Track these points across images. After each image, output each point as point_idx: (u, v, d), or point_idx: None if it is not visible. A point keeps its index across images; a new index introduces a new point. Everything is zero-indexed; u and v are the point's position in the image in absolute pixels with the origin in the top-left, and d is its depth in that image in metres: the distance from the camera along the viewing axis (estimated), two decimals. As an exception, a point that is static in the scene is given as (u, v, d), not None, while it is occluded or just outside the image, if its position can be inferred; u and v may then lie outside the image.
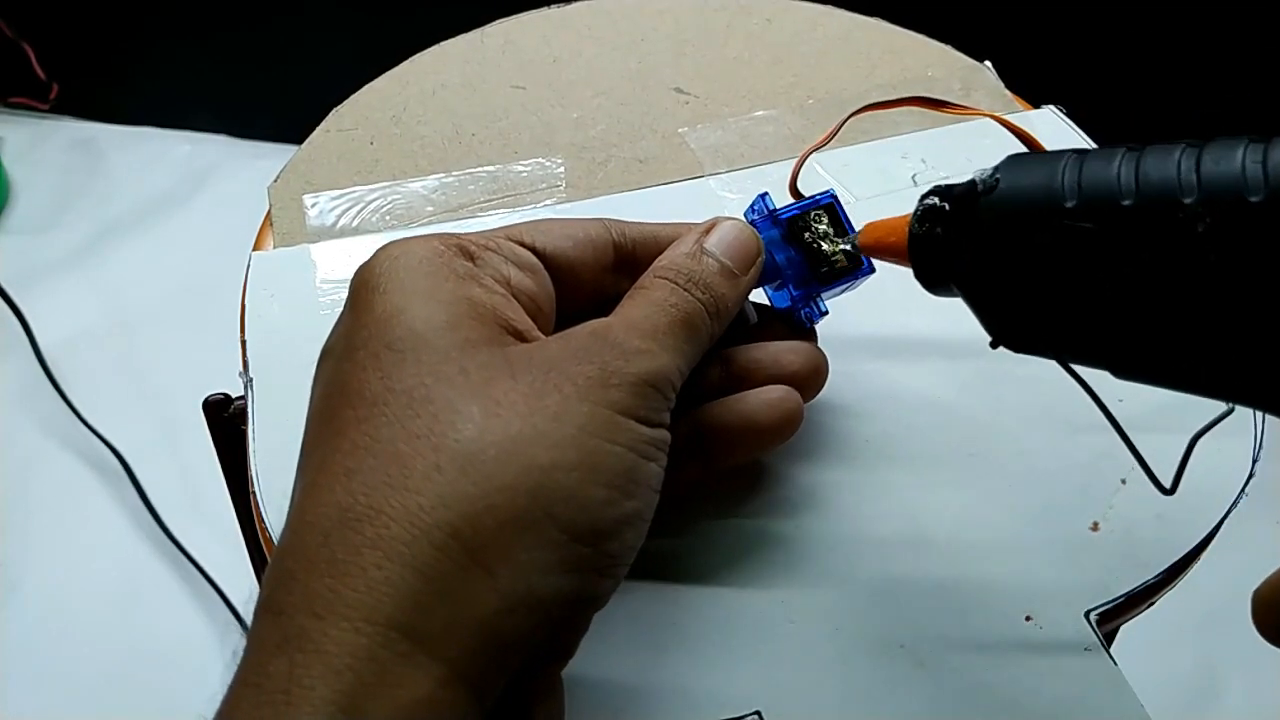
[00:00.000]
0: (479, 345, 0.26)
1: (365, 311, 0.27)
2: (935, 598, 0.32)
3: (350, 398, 0.26)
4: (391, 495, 0.24)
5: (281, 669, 0.22)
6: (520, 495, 0.24)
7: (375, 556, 0.23)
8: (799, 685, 0.30)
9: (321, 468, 0.25)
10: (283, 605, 0.23)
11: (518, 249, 0.30)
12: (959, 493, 0.34)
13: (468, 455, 0.24)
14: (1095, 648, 0.30)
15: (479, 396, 0.25)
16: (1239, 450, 0.35)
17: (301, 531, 0.24)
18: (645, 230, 0.32)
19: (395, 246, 0.28)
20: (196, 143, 1.20)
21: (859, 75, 0.48)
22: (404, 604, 0.23)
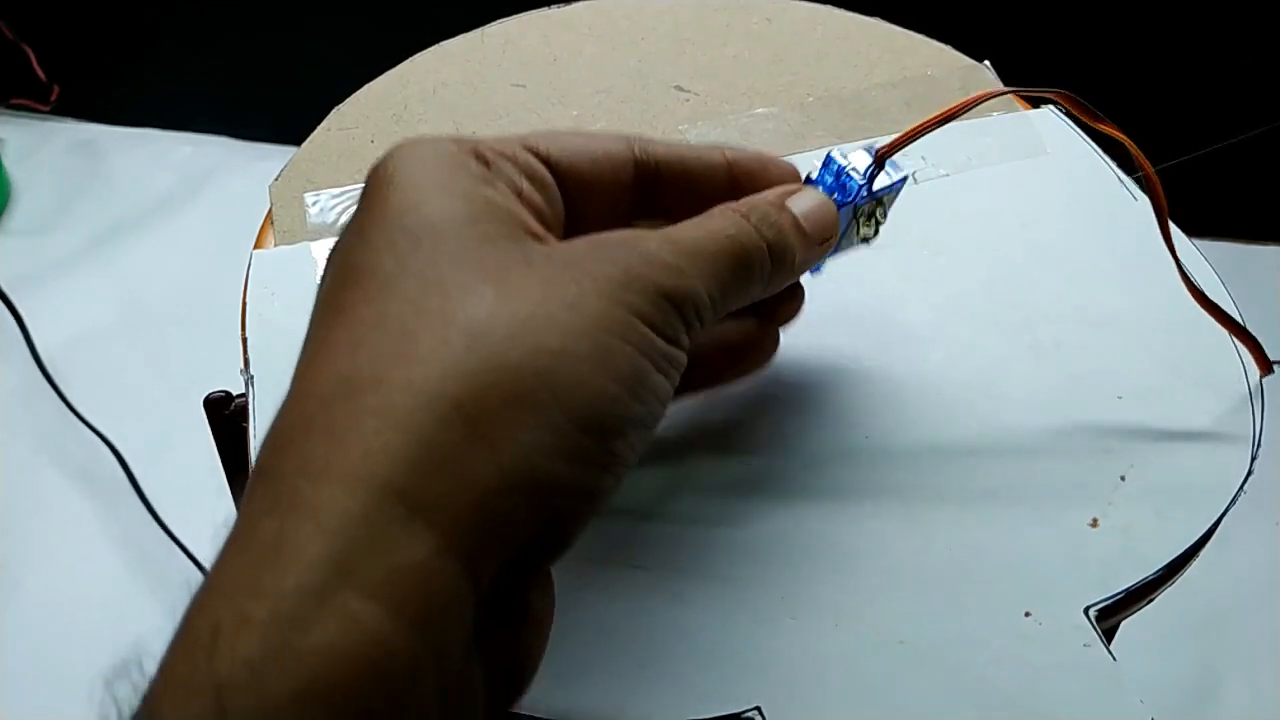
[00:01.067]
0: (497, 240, 0.26)
1: (380, 203, 0.26)
2: (935, 594, 0.32)
3: (360, 278, 0.25)
4: (395, 366, 0.23)
5: (270, 529, 0.22)
6: (528, 375, 0.23)
7: (375, 423, 0.22)
8: (799, 681, 0.30)
9: (325, 341, 0.25)
10: (275, 470, 0.23)
11: (532, 161, 0.29)
12: (958, 489, 0.34)
13: (477, 331, 0.24)
14: (1095, 644, 0.31)
15: (494, 280, 0.25)
16: (1238, 448, 0.35)
17: (301, 400, 0.24)
18: (672, 152, 0.31)
19: (410, 144, 0.28)
20: (198, 144, 1.20)
21: (858, 74, 0.48)
22: (401, 470, 0.22)
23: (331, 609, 0.21)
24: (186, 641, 0.21)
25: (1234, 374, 0.36)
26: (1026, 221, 0.42)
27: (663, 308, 0.26)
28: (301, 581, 0.21)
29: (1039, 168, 0.44)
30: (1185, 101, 0.99)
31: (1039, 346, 0.36)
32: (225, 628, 0.21)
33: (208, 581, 0.22)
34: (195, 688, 0.20)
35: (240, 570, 0.22)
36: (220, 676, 0.20)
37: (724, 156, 0.32)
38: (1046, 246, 0.41)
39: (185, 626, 0.22)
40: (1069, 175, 0.44)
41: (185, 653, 0.21)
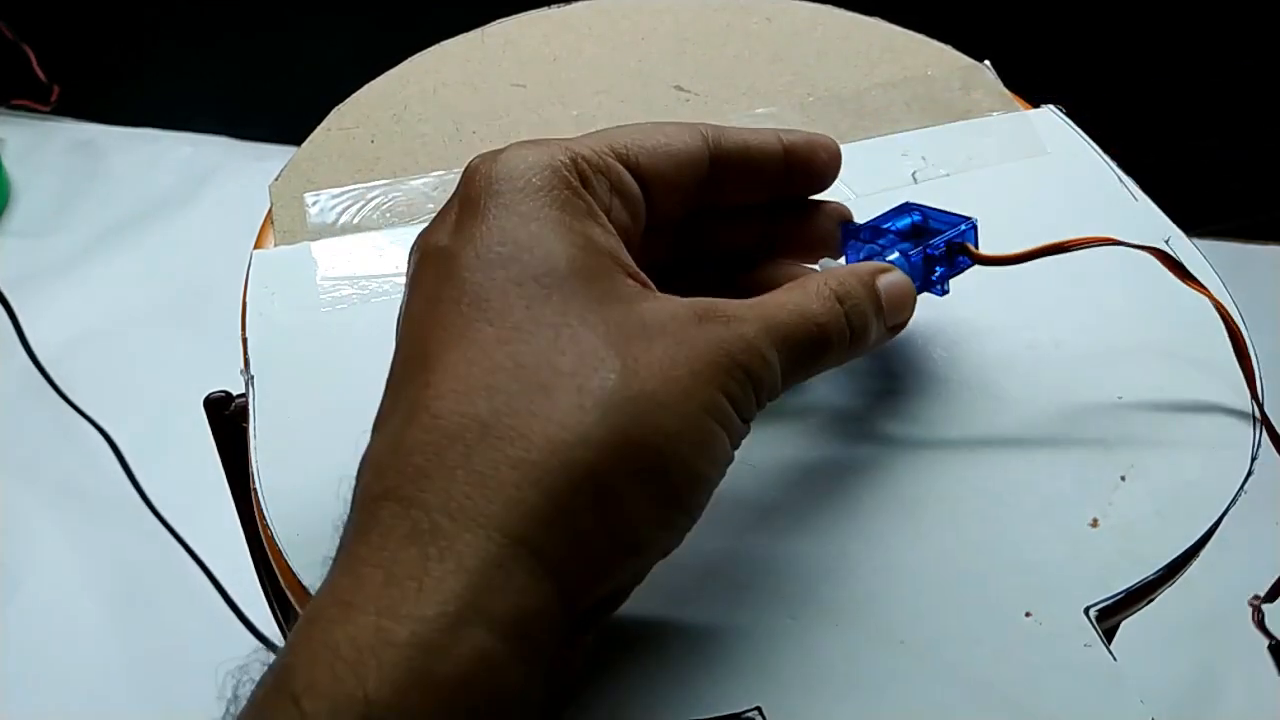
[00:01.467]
0: (613, 300, 0.28)
1: (486, 216, 0.28)
2: (935, 594, 0.32)
3: (489, 314, 0.27)
4: (535, 423, 0.25)
5: (412, 557, 0.24)
6: (649, 453, 0.26)
7: (515, 476, 0.25)
8: (799, 681, 0.30)
9: (456, 375, 0.26)
10: (415, 499, 0.25)
11: (624, 175, 0.30)
12: (958, 489, 0.34)
13: (609, 404, 0.26)
14: (1095, 644, 0.30)
15: (620, 353, 0.27)
16: (1238, 448, 0.35)
17: (429, 429, 0.26)
18: (738, 141, 0.33)
19: (516, 153, 0.29)
20: (197, 144, 1.21)
21: (858, 74, 0.48)
22: (535, 525, 0.25)
23: (466, 640, 0.23)
24: (326, 652, 0.23)
25: (1234, 374, 0.36)
26: (1027, 221, 0.42)
27: (749, 393, 0.28)
28: (442, 611, 0.23)
29: (1039, 167, 0.44)
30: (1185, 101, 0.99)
31: (1038, 346, 0.36)
32: (369, 645, 0.23)
33: (339, 592, 0.24)
34: (343, 701, 0.22)
35: (381, 590, 0.24)
36: (369, 694, 0.22)
37: (779, 141, 0.34)
38: (1046, 247, 0.41)
39: (319, 634, 0.23)
40: (1069, 175, 0.44)
41: (328, 665, 0.23)
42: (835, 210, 0.36)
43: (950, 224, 0.35)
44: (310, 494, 0.34)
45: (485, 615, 0.24)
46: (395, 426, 0.26)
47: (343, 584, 0.24)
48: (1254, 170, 1.01)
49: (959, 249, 0.35)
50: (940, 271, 0.35)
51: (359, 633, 0.23)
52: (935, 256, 0.35)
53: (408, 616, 0.23)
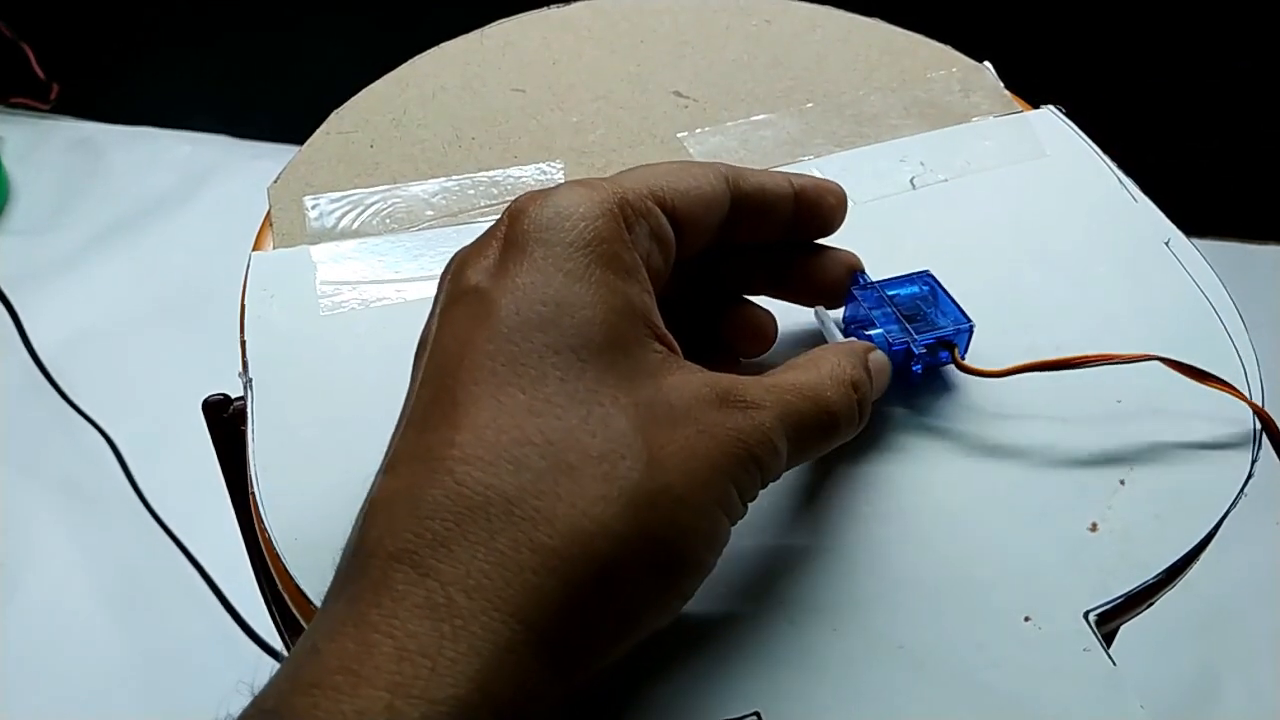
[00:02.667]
0: (644, 376, 0.28)
1: (540, 278, 0.28)
2: (934, 599, 0.32)
3: (523, 380, 0.27)
4: (559, 507, 0.25)
5: (426, 632, 0.24)
6: (664, 547, 0.26)
7: (534, 561, 0.25)
8: (798, 686, 0.30)
9: (484, 441, 0.26)
10: (432, 569, 0.24)
11: (662, 221, 0.31)
12: (957, 494, 0.34)
13: (633, 497, 0.26)
14: (1094, 648, 0.31)
15: (647, 440, 0.27)
16: (1238, 450, 0.35)
17: (458, 501, 0.25)
18: (755, 185, 0.33)
19: (570, 205, 0.29)
20: (196, 143, 1.21)
21: (858, 77, 0.48)
22: (549, 613, 0.25)
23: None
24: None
25: (1234, 377, 0.36)
26: (1025, 224, 0.42)
27: (757, 482, 0.29)
28: (453, 695, 0.23)
29: (1039, 169, 0.44)
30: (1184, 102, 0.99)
31: (1038, 350, 0.36)
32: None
33: (346, 658, 0.24)
34: None
35: (392, 664, 0.23)
36: None
37: (790, 185, 0.34)
38: (1046, 250, 0.41)
39: (327, 704, 0.23)
40: (1069, 177, 0.44)
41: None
42: (846, 259, 0.36)
43: (951, 317, 0.36)
44: (308, 498, 0.34)
45: (492, 700, 0.24)
46: (414, 480, 0.26)
47: (350, 650, 0.24)
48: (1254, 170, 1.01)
49: (947, 346, 0.36)
50: (919, 366, 0.36)
51: (368, 708, 0.23)
52: (914, 354, 0.35)
53: (419, 698, 0.23)
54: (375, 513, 0.26)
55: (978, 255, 0.41)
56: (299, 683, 0.23)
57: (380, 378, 0.37)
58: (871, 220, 0.37)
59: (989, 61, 0.49)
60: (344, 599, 0.25)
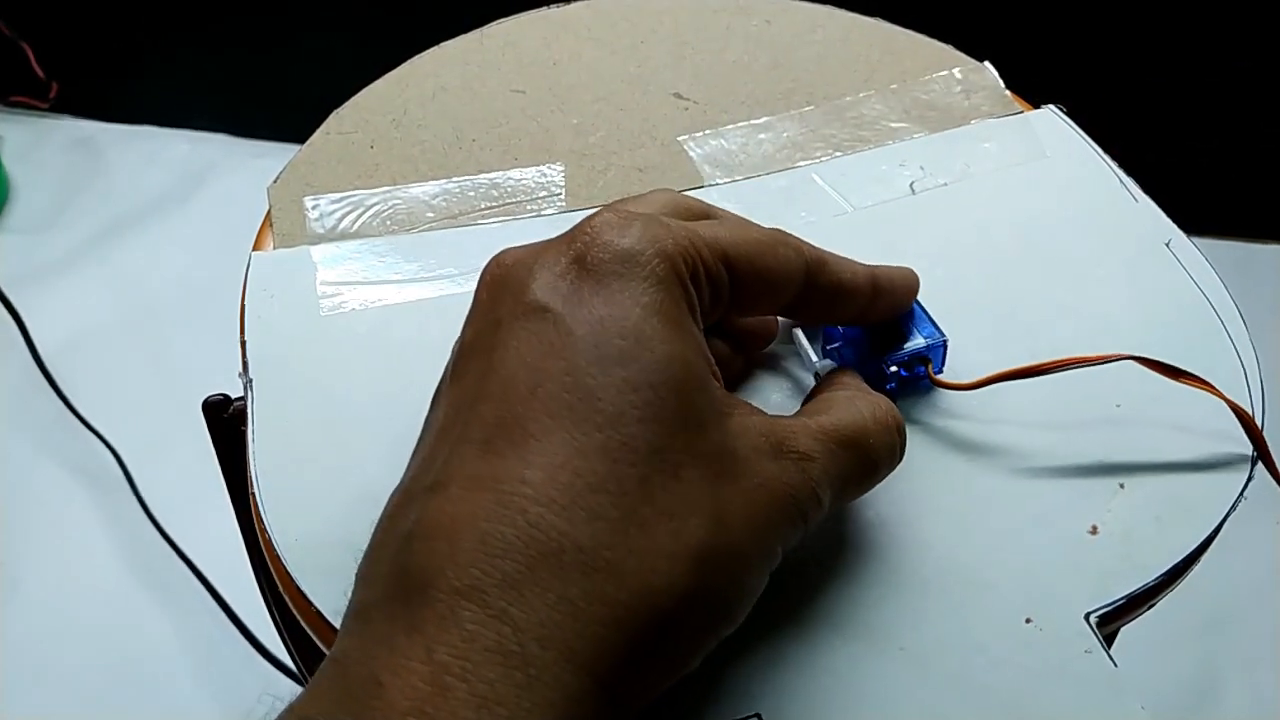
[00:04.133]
0: (711, 422, 0.27)
1: (619, 310, 0.27)
2: (935, 600, 0.32)
3: (599, 418, 0.26)
4: (630, 561, 0.25)
5: (501, 679, 0.23)
6: (720, 602, 0.27)
7: (604, 614, 0.24)
8: (799, 687, 0.30)
9: (558, 482, 0.25)
10: (503, 613, 0.24)
11: (723, 287, 0.30)
12: (958, 497, 0.34)
13: (700, 557, 0.26)
14: (1096, 649, 0.31)
15: (714, 497, 0.27)
16: (1237, 453, 0.35)
17: (531, 544, 0.25)
18: (833, 279, 0.33)
19: (649, 237, 0.28)
20: (196, 142, 1.20)
21: (858, 77, 0.48)
22: (615, 667, 0.24)
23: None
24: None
25: (1234, 378, 0.36)
26: (1026, 227, 0.42)
27: (801, 534, 0.29)
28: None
29: (1039, 169, 0.44)
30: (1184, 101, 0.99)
31: (1038, 355, 0.36)
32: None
33: (418, 697, 0.23)
34: None
35: (470, 710, 0.23)
36: None
37: (870, 283, 0.34)
38: (1046, 252, 0.41)
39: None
40: (1069, 177, 0.44)
41: None
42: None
43: (925, 333, 0.36)
44: (309, 498, 0.34)
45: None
46: (478, 509, 0.25)
47: (422, 691, 0.23)
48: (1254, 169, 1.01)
49: (922, 361, 0.36)
50: (893, 384, 0.36)
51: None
52: (886, 375, 0.35)
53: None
54: (433, 538, 0.25)
55: (977, 258, 0.41)
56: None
57: (381, 378, 0.37)
58: (870, 227, 0.37)
59: (989, 61, 0.49)
60: (401, 627, 0.24)
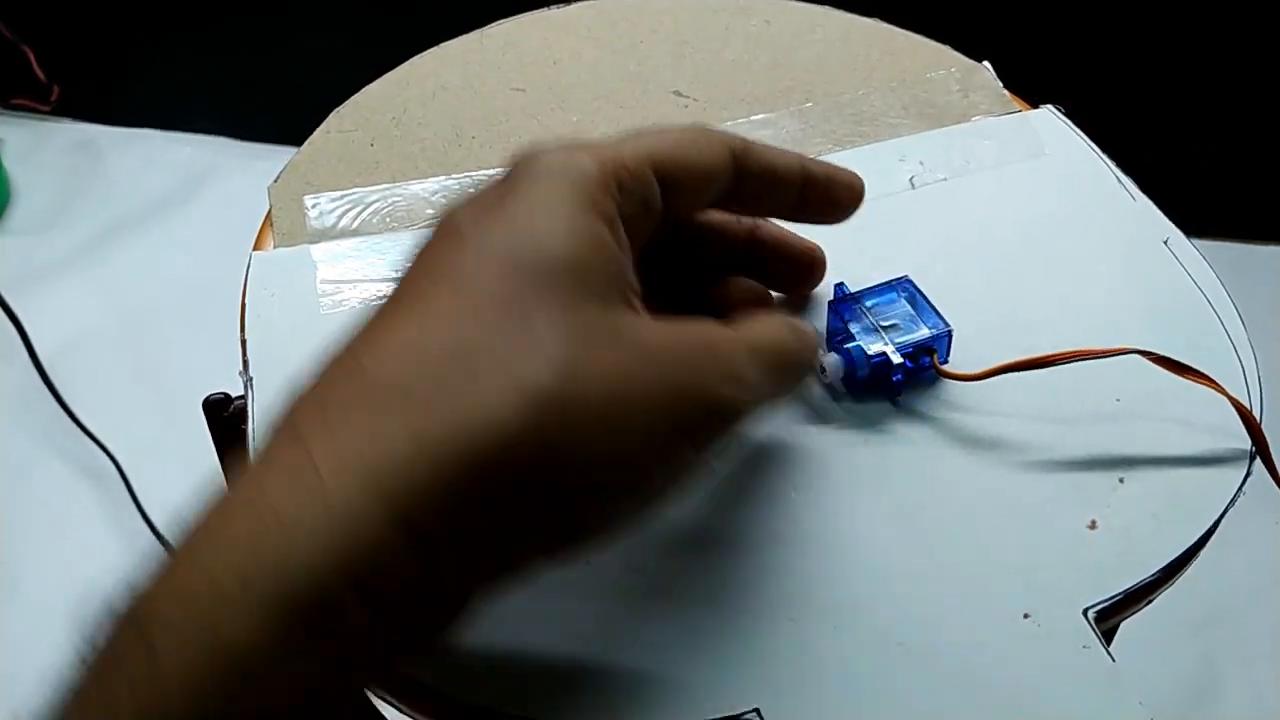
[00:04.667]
0: (595, 302, 0.26)
1: (519, 210, 0.27)
2: (933, 596, 0.32)
3: (464, 289, 0.26)
4: (452, 400, 0.24)
5: (283, 494, 0.24)
6: (562, 464, 0.24)
7: (409, 447, 0.24)
8: (798, 683, 0.30)
9: (400, 340, 0.26)
10: (306, 438, 0.24)
11: (655, 191, 0.30)
12: (957, 492, 0.34)
13: (535, 399, 0.24)
14: (1094, 645, 0.31)
15: (575, 354, 0.25)
16: (1236, 449, 0.35)
17: (357, 388, 0.25)
18: (763, 162, 0.33)
19: (566, 155, 0.28)
20: (197, 144, 1.20)
21: (857, 77, 0.48)
22: (416, 497, 0.24)
23: (322, 588, 0.23)
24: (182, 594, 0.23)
25: (1232, 377, 0.36)
26: (1025, 224, 0.42)
27: (715, 425, 0.27)
28: (306, 560, 0.23)
29: (1038, 169, 0.44)
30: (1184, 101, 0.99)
31: (1036, 351, 0.36)
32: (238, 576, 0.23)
33: (205, 519, 0.24)
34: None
35: (249, 522, 0.24)
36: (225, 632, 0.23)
37: (801, 170, 0.34)
38: (1045, 249, 0.41)
39: (179, 568, 0.24)
40: (1068, 177, 0.44)
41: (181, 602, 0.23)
42: (806, 249, 0.37)
43: (930, 323, 0.36)
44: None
45: (344, 567, 0.23)
46: (328, 372, 0.26)
47: (211, 515, 0.24)
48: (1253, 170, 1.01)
49: (927, 352, 0.36)
50: (899, 375, 0.36)
51: (221, 570, 0.23)
52: (893, 365, 0.35)
53: (271, 556, 0.23)
54: (301, 390, 0.26)
55: (977, 255, 0.41)
56: (166, 560, 0.24)
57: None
58: (870, 219, 0.37)
59: (988, 61, 0.49)
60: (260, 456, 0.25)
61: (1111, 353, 0.35)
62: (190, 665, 0.22)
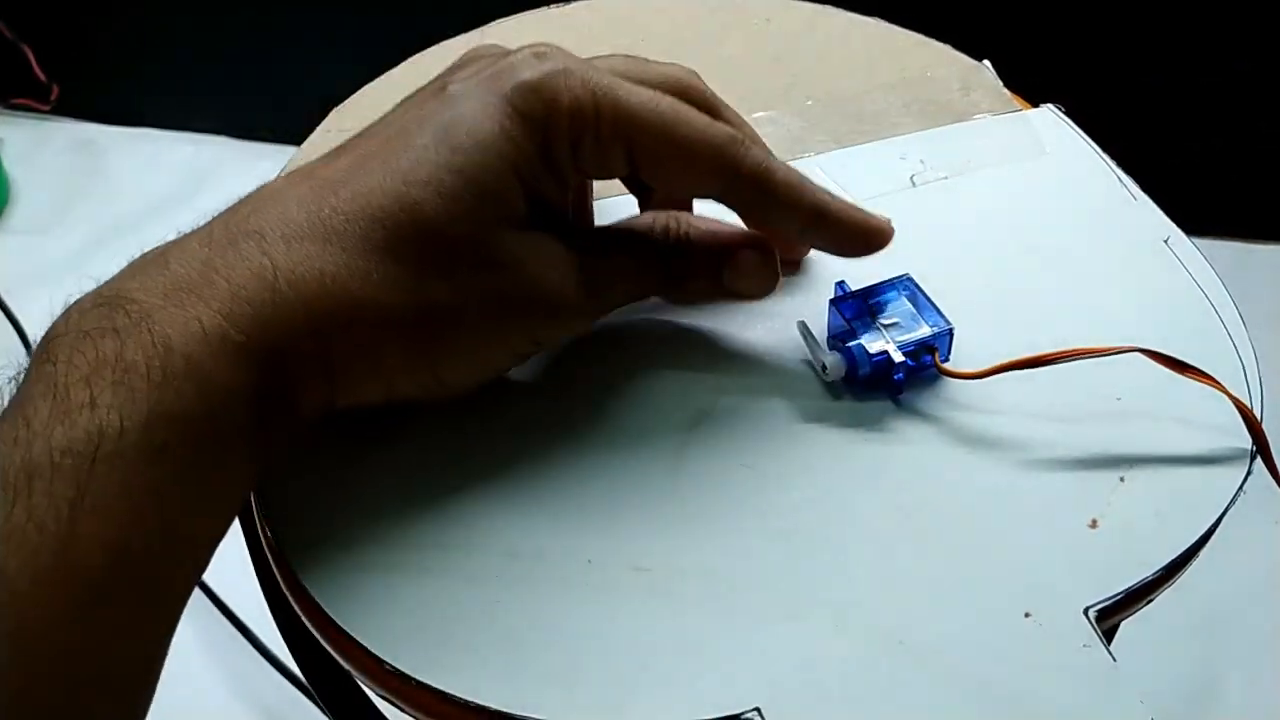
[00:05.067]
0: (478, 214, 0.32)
1: (459, 109, 0.32)
2: (934, 595, 0.32)
3: (389, 127, 0.34)
4: (351, 178, 0.32)
5: (253, 288, 0.30)
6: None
7: (301, 219, 0.31)
8: (798, 682, 0.30)
9: (336, 168, 0.33)
10: (248, 230, 0.32)
11: (608, 134, 0.32)
12: (957, 490, 0.34)
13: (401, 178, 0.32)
14: (1094, 644, 0.31)
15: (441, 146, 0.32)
16: (1237, 448, 0.35)
17: (300, 184, 0.33)
18: (767, 191, 0.34)
19: (540, 76, 0.32)
20: (197, 144, 1.20)
21: (858, 76, 0.48)
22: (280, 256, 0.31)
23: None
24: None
25: (1233, 376, 0.36)
26: (1025, 222, 0.42)
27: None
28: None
29: (1038, 168, 0.44)
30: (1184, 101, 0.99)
31: (1037, 350, 0.36)
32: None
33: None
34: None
35: (218, 289, 0.30)
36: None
37: (813, 207, 0.35)
38: (1046, 248, 0.41)
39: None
40: (1069, 175, 0.44)
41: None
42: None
43: (931, 321, 0.36)
44: (309, 494, 0.34)
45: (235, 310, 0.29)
46: (289, 186, 0.33)
47: (190, 276, 0.30)
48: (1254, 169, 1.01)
49: (929, 350, 0.36)
50: (901, 374, 0.36)
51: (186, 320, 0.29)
52: (894, 363, 0.35)
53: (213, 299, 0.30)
54: (265, 201, 0.33)
55: (977, 253, 0.41)
56: None
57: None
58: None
59: (988, 60, 0.49)
60: (218, 250, 0.31)
61: (1112, 351, 0.35)
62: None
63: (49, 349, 0.28)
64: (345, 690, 0.38)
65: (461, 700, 0.30)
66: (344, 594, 0.32)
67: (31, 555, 0.25)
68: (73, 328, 0.28)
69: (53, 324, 0.30)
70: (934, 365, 0.36)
